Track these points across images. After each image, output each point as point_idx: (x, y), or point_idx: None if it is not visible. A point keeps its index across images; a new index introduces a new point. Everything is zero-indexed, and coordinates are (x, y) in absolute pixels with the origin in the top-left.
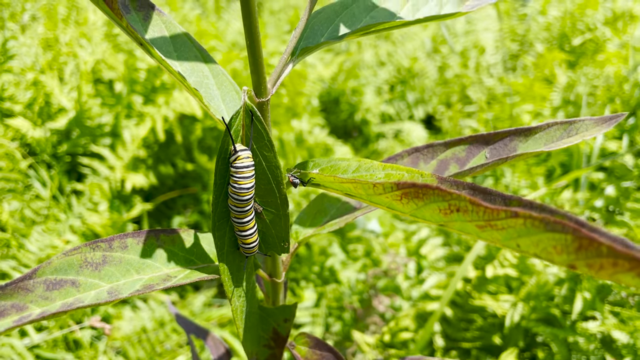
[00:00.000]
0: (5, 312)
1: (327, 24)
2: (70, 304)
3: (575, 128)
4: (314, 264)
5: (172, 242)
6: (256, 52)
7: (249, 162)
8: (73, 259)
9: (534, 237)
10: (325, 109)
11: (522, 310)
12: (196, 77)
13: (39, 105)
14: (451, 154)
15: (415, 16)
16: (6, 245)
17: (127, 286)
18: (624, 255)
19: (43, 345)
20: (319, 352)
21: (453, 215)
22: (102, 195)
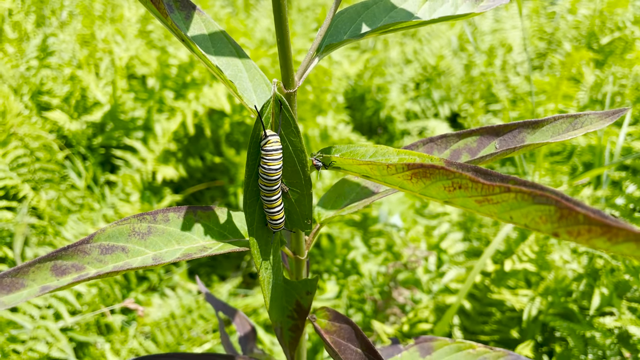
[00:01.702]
0: (66, 270)
1: (349, 23)
2: (121, 266)
3: (580, 121)
4: (336, 257)
5: (207, 217)
6: (285, 48)
7: (278, 145)
8: (123, 228)
9: (524, 209)
10: (351, 105)
11: (540, 305)
12: (231, 71)
13: (76, 99)
14: (463, 144)
15: (432, 16)
16: (43, 232)
17: (168, 254)
18: (596, 221)
19: (76, 328)
20: (337, 324)
21: (456, 192)
22: (134, 186)
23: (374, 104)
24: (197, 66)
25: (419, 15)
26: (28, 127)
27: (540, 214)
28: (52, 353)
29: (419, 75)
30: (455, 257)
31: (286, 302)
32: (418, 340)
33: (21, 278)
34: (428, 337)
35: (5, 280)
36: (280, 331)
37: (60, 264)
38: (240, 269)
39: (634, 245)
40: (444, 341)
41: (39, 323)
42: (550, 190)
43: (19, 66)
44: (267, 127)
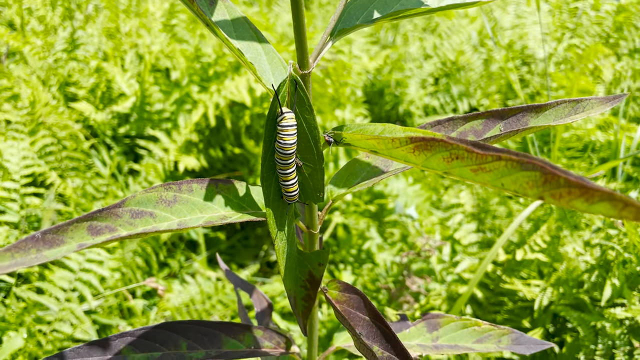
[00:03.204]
0: (101, 230)
1: (362, 10)
2: (149, 229)
3: (582, 106)
4: (352, 247)
5: (228, 190)
6: (301, 31)
7: (292, 122)
8: (151, 196)
9: (513, 176)
10: (369, 100)
11: (551, 295)
12: (251, 54)
13: (101, 91)
14: (470, 126)
15: (441, 4)
16: (69, 218)
17: (192, 221)
18: (575, 184)
19: (99, 311)
20: (347, 294)
21: (453, 163)
22: (156, 175)
23: (393, 99)
24: (219, 60)
25: (428, 3)
26: (56, 117)
27: (527, 180)
28: (76, 334)
29: (439, 71)
30: (468, 247)
31: (299, 272)
32: (425, 316)
33: (61, 235)
34: (435, 314)
35: (47, 237)
36: (294, 300)
37: (95, 224)
38: (258, 258)
39: (607, 204)
40: (451, 318)
41: (64, 305)
42: (536, 159)
43: (47, 58)
44: (283, 105)
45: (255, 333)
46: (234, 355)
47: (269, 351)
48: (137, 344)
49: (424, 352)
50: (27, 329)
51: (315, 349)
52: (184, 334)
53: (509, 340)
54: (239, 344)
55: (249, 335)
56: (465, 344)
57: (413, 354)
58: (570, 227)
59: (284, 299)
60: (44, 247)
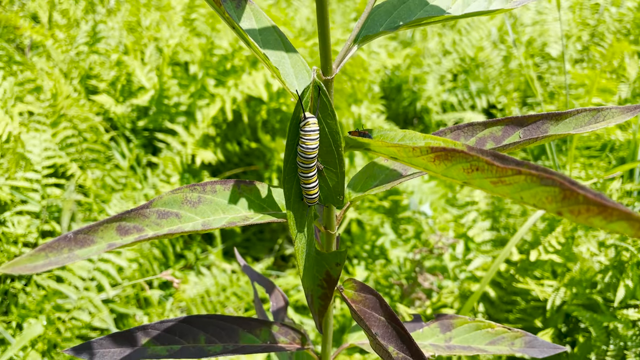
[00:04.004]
0: (129, 231)
1: (385, 16)
2: (175, 230)
3: (602, 115)
4: (365, 242)
5: (250, 191)
6: (326, 39)
7: (315, 127)
8: (177, 197)
9: (532, 190)
10: (387, 95)
11: (564, 296)
12: (275, 57)
13: (121, 84)
14: (489, 132)
15: (464, 11)
16: (88, 209)
17: (215, 221)
18: (593, 202)
19: (117, 300)
20: (363, 294)
21: (473, 174)
22: (174, 168)
23: (411, 95)
24: (237, 54)
25: (451, 11)
26: (77, 109)
27: (546, 195)
28: (94, 323)
29: (457, 67)
30: (482, 245)
31: (317, 272)
32: (439, 317)
33: (92, 235)
34: (449, 315)
35: (79, 237)
36: (311, 298)
37: (124, 225)
38: (273, 252)
39: (625, 224)
40: (464, 319)
41: (82, 294)
42: (556, 174)
43: (69, 51)
44: (306, 110)
45: (272, 328)
46: (250, 349)
47: (284, 346)
48: (158, 337)
49: (436, 352)
50: (46, 316)
51: (330, 345)
52: (203, 328)
53: (522, 343)
54: (256, 339)
55: (266, 331)
56: (478, 345)
57: (426, 353)
58: (585, 227)
59: (298, 293)
60: (75, 246)
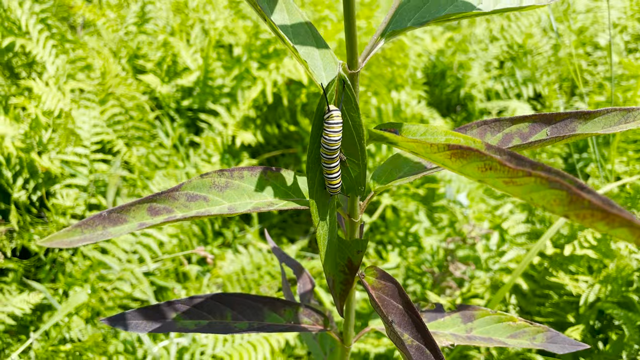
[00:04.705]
0: (159, 211)
1: (414, 11)
2: (202, 212)
3: (632, 115)
4: (399, 229)
5: (276, 178)
6: (352, 33)
7: (339, 119)
8: (205, 181)
9: (541, 192)
10: (430, 81)
11: (598, 292)
12: (305, 50)
13: (167, 64)
14: (516, 129)
15: (496, 7)
16: (133, 185)
17: (241, 206)
18: (597, 207)
19: (157, 274)
20: (383, 282)
21: (487, 173)
22: (215, 148)
23: (455, 81)
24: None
25: (482, 7)
26: (124, 88)
27: (554, 197)
28: (135, 294)
29: (504, 54)
30: (516, 237)
31: (339, 258)
32: (461, 307)
33: (124, 214)
34: (471, 306)
35: (112, 215)
36: (333, 283)
37: (154, 206)
38: (308, 234)
39: (627, 230)
40: (485, 311)
41: (125, 266)
42: (566, 177)
43: (119, 31)
44: (331, 103)
45: (296, 309)
46: (274, 328)
47: (307, 327)
48: (187, 312)
49: (456, 342)
50: (91, 285)
51: (352, 328)
52: (230, 305)
53: (543, 338)
54: (280, 318)
55: (290, 311)
56: (499, 337)
57: (446, 342)
58: None
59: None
60: (109, 224)
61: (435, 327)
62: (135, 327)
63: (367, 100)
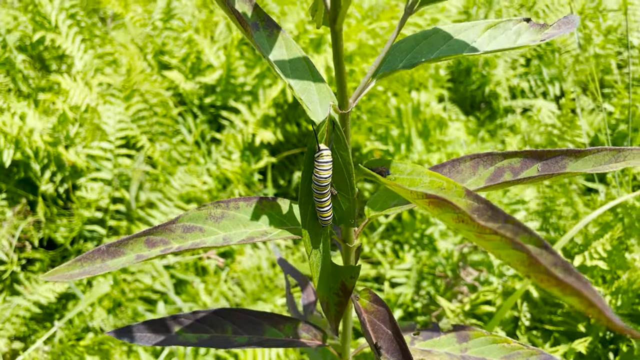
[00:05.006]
0: (156, 243)
1: (406, 52)
2: (198, 243)
3: (622, 155)
4: (415, 230)
5: (271, 207)
6: (342, 77)
7: (329, 158)
8: (202, 213)
9: (507, 251)
10: (455, 78)
11: (609, 304)
12: (302, 85)
13: (191, 61)
14: (507, 163)
15: (489, 47)
16: (155, 179)
17: (236, 236)
18: (551, 274)
19: (177, 267)
20: (376, 305)
21: (460, 224)
22: (235, 145)
23: (480, 78)
24: (302, 37)
25: (476, 45)
26: (149, 84)
27: (517, 258)
28: (155, 286)
29: (532, 51)
30: None
31: (333, 282)
32: (457, 327)
33: (122, 248)
34: (467, 327)
35: (110, 249)
36: (327, 306)
37: (152, 238)
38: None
39: (577, 299)
40: (481, 332)
41: None
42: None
43: (146, 26)
44: (322, 142)
45: (295, 324)
46: (273, 343)
47: (306, 342)
48: (190, 326)
49: None
50: (113, 277)
51: (349, 344)
52: (231, 320)
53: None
54: (280, 333)
55: (290, 326)
56: (493, 358)
57: None
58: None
59: None
60: (107, 258)
61: (431, 345)
62: (140, 339)
63: (387, 101)
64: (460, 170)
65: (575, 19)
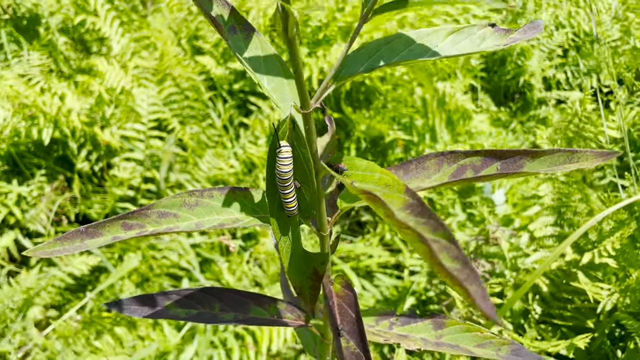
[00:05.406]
0: (132, 226)
1: (367, 56)
2: (171, 227)
3: (576, 157)
4: None
5: (244, 196)
6: (300, 81)
7: (288, 154)
8: (176, 200)
9: (417, 244)
10: (489, 68)
11: (617, 302)
12: (275, 84)
13: (223, 47)
14: (469, 161)
15: (451, 51)
16: (185, 161)
17: (208, 222)
18: (442, 265)
19: (203, 246)
20: (346, 290)
21: (387, 218)
22: (262, 130)
23: (515, 68)
24: (332, 24)
25: (438, 49)
26: (181, 69)
27: (423, 250)
28: (181, 263)
29: (570, 41)
30: (544, 239)
31: (305, 267)
32: (433, 315)
33: (100, 229)
34: (442, 315)
35: (89, 230)
36: (300, 289)
37: (128, 222)
38: (349, 217)
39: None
40: (455, 320)
41: (173, 237)
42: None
43: (182, 10)
44: (283, 139)
45: (280, 305)
46: (258, 321)
47: (288, 322)
48: (179, 301)
49: (425, 347)
50: (142, 253)
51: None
52: (218, 298)
53: (508, 350)
54: (264, 312)
55: (274, 307)
56: (466, 346)
57: (413, 346)
58: None
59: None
60: (86, 237)
61: (408, 331)
62: (131, 311)
63: (413, 91)
64: (427, 167)
65: (540, 23)
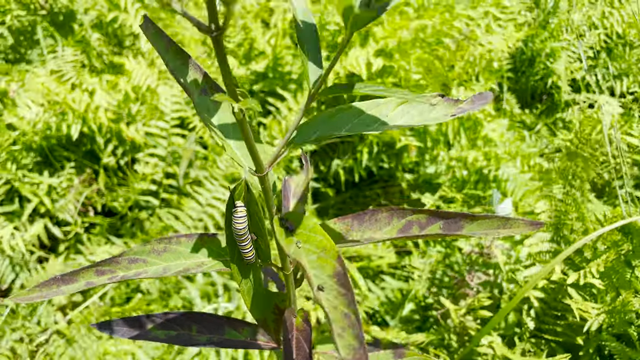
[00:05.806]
0: (104, 272)
1: (322, 124)
2: (140, 272)
3: (509, 224)
4: None
5: (212, 242)
6: (253, 149)
7: (243, 214)
8: (146, 248)
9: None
10: (517, 68)
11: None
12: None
13: (245, 48)
14: (416, 218)
15: (400, 121)
16: (204, 158)
17: (175, 267)
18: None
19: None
20: (305, 325)
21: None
22: (278, 131)
23: (544, 69)
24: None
25: (388, 119)
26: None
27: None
28: None
29: (602, 43)
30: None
31: (267, 304)
32: (395, 346)
33: (75, 277)
34: (402, 346)
35: (65, 277)
36: (264, 322)
37: (100, 268)
38: None
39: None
40: (415, 352)
41: (191, 231)
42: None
43: None
44: (238, 199)
45: (254, 328)
46: (231, 343)
47: (261, 344)
48: (161, 324)
49: None
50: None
51: None
52: (197, 321)
53: None
54: (239, 335)
55: (248, 330)
56: None
57: None
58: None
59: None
60: (62, 284)
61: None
62: (118, 332)
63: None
64: (379, 219)
65: (489, 95)
